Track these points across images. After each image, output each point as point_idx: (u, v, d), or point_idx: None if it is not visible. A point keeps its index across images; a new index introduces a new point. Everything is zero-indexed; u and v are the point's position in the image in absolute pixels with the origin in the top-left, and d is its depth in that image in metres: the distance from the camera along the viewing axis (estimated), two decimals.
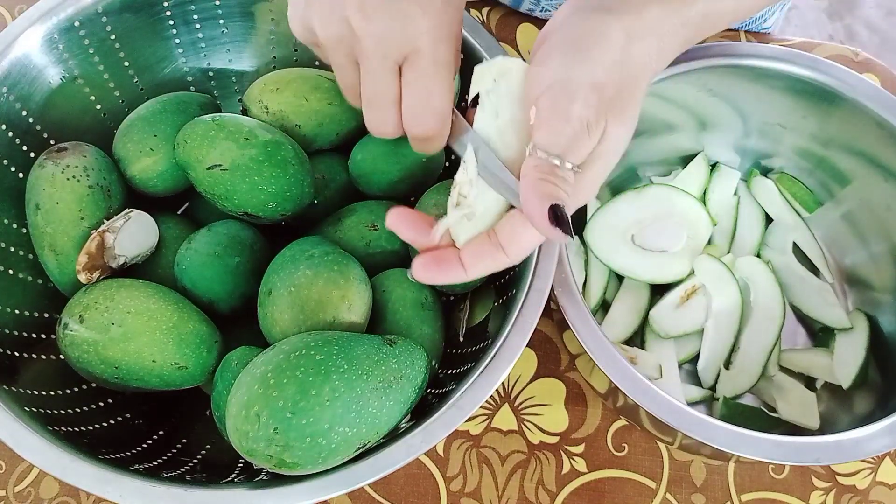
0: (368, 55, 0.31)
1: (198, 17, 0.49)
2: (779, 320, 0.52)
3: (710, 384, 0.53)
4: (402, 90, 0.32)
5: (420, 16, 0.30)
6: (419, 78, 0.31)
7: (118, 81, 0.49)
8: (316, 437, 0.33)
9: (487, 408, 0.53)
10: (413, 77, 0.31)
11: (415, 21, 0.30)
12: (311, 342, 0.36)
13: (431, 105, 0.32)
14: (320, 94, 0.48)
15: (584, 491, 0.51)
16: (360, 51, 0.31)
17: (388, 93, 0.32)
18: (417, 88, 0.32)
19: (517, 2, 0.64)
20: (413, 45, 0.31)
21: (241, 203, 0.44)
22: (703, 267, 0.52)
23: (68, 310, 0.41)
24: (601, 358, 0.42)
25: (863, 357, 0.51)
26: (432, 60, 0.31)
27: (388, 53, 0.31)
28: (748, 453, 0.39)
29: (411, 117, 0.32)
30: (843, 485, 0.51)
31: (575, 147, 0.29)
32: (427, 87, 0.32)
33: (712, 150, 0.58)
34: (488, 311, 0.46)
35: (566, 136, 0.29)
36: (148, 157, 0.46)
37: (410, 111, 0.32)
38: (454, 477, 0.51)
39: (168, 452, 0.42)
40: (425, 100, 0.32)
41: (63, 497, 0.50)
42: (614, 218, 0.53)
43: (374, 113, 0.33)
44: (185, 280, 0.44)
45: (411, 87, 0.32)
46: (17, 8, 0.65)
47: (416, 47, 0.31)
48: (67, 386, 0.42)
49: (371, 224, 0.47)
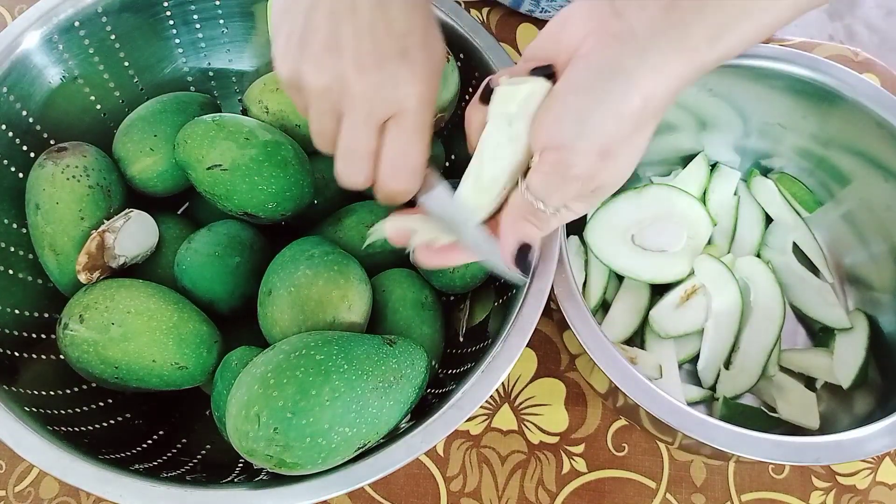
0: (356, 109, 0.32)
1: (198, 17, 0.49)
2: (779, 320, 0.52)
3: (710, 384, 0.53)
4: (380, 147, 0.33)
5: (410, 79, 0.32)
6: (401, 137, 0.33)
7: (118, 81, 0.49)
8: (316, 437, 0.33)
9: (487, 408, 0.53)
10: (396, 135, 0.33)
11: (406, 84, 0.32)
12: (311, 342, 0.36)
13: (409, 163, 0.34)
14: None
15: (584, 491, 0.51)
16: (347, 104, 0.32)
17: (367, 147, 0.33)
18: (399, 147, 0.33)
19: (517, 2, 0.64)
20: (400, 106, 0.32)
21: (241, 203, 0.44)
22: (703, 267, 0.52)
23: (68, 310, 0.41)
24: (601, 358, 0.41)
25: (863, 357, 0.51)
26: (416, 122, 0.33)
27: (374, 111, 0.32)
28: (748, 453, 0.39)
29: (389, 173, 0.34)
30: (843, 485, 0.51)
31: (564, 196, 0.31)
32: (408, 147, 0.33)
33: (712, 150, 0.58)
34: (488, 311, 0.46)
35: (558, 191, 0.31)
36: (148, 157, 0.46)
37: (390, 167, 0.34)
38: (454, 477, 0.51)
39: (168, 452, 0.42)
40: (404, 158, 0.33)
41: (63, 497, 0.50)
42: (614, 218, 0.53)
43: (349, 165, 0.34)
44: (185, 280, 0.44)
45: (393, 144, 0.33)
46: (17, 8, 0.65)
47: (403, 108, 0.32)
48: (67, 386, 0.42)
49: (371, 224, 0.47)
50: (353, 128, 0.33)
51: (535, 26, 0.65)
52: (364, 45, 0.31)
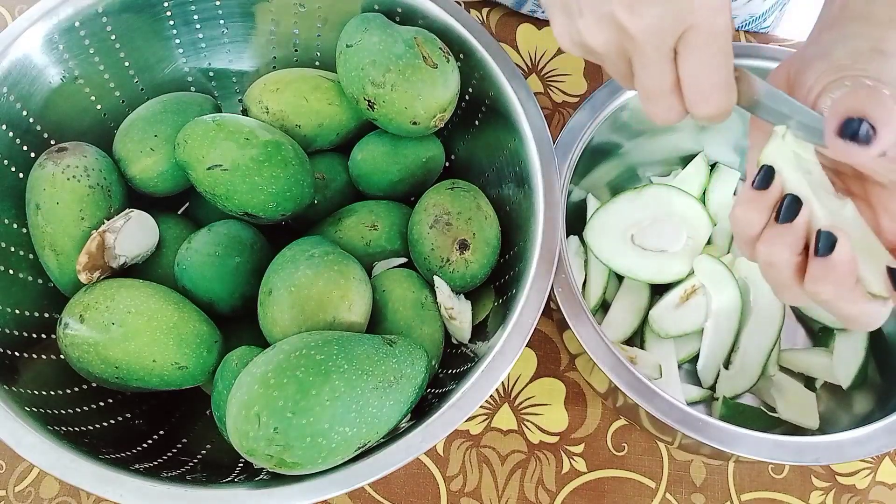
0: (642, 50, 0.31)
1: (198, 17, 0.49)
2: (778, 320, 0.52)
3: (709, 384, 0.53)
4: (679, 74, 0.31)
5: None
6: (697, 55, 0.30)
7: (118, 81, 0.49)
8: (316, 437, 0.33)
9: (487, 407, 0.53)
10: (691, 56, 0.30)
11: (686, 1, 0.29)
12: (311, 342, 0.36)
13: (715, 79, 0.31)
14: (320, 94, 0.48)
15: (584, 491, 0.51)
16: (633, 47, 0.31)
17: (667, 81, 0.32)
18: (697, 66, 0.31)
19: (519, 3, 0.64)
20: (687, 25, 0.30)
21: (242, 203, 0.44)
22: (703, 267, 0.52)
23: (69, 310, 0.41)
24: (601, 358, 0.42)
25: (862, 357, 0.51)
26: (709, 33, 0.30)
27: (662, 42, 0.30)
28: (748, 453, 0.39)
29: (697, 96, 0.32)
30: (843, 485, 0.52)
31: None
32: (707, 62, 0.31)
33: (712, 150, 0.58)
34: (488, 311, 0.46)
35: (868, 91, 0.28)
36: (148, 157, 0.46)
37: (695, 90, 0.31)
38: (454, 476, 0.51)
39: (168, 452, 0.42)
40: (707, 75, 0.31)
41: (63, 497, 0.50)
42: (614, 218, 0.53)
43: (656, 105, 0.33)
44: (186, 280, 0.44)
45: (690, 66, 0.31)
46: (18, 8, 0.65)
47: (691, 25, 0.30)
48: (67, 386, 0.42)
49: (371, 224, 0.47)
50: (648, 67, 0.31)
51: (535, 26, 0.65)
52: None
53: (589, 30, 0.32)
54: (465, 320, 0.45)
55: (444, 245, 0.44)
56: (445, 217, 0.44)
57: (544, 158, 0.43)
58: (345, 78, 0.46)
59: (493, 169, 0.48)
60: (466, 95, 0.48)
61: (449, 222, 0.44)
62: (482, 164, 0.50)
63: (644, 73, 0.32)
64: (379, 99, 0.44)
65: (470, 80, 0.47)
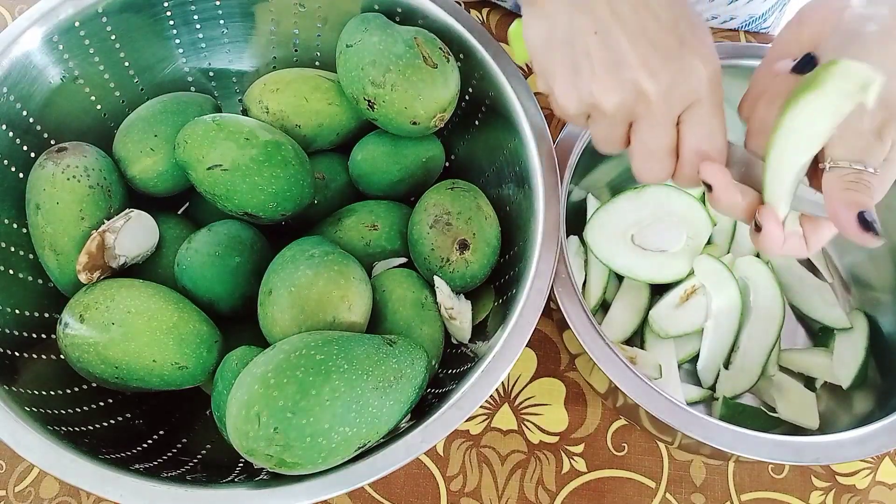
0: (654, 112, 0.33)
1: (198, 17, 0.49)
2: (778, 320, 0.52)
3: (709, 384, 0.53)
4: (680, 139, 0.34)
5: (702, 67, 0.32)
6: (702, 123, 0.33)
7: (118, 81, 0.49)
8: (316, 437, 0.33)
9: (487, 407, 0.53)
10: (696, 123, 0.33)
11: (697, 72, 0.32)
12: (311, 342, 0.36)
13: (714, 147, 0.34)
14: (320, 94, 0.48)
15: (584, 491, 0.51)
16: (643, 109, 0.33)
17: (669, 143, 0.34)
18: (702, 133, 0.34)
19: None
20: (696, 95, 0.33)
21: (242, 203, 0.44)
22: (703, 267, 0.52)
23: (69, 310, 0.41)
24: (601, 358, 0.42)
25: (862, 357, 0.51)
26: (712, 104, 0.33)
27: (672, 107, 0.33)
28: (748, 453, 0.39)
29: (695, 161, 0.34)
30: (843, 485, 0.52)
31: (870, 154, 0.31)
32: (710, 131, 0.34)
33: None
34: (488, 311, 0.46)
35: (860, 147, 0.31)
36: (148, 157, 0.46)
37: (695, 156, 0.34)
38: (454, 476, 0.51)
39: (168, 452, 0.42)
40: (709, 143, 0.34)
41: (63, 497, 0.50)
42: (614, 218, 0.53)
43: (653, 164, 0.35)
44: (186, 280, 0.44)
45: (695, 133, 0.34)
46: (18, 8, 0.65)
47: (699, 97, 0.33)
48: (67, 386, 0.42)
49: (371, 224, 0.47)
50: (654, 128, 0.33)
51: None
52: (644, 49, 0.31)
53: (604, 91, 0.33)
54: (465, 320, 0.45)
55: (444, 245, 0.44)
56: (445, 217, 0.44)
57: (544, 158, 0.43)
58: (345, 78, 0.46)
59: (493, 169, 0.48)
60: (466, 95, 0.48)
61: (449, 222, 0.44)
62: (482, 164, 0.50)
63: (650, 134, 0.34)
64: (379, 99, 0.44)
65: (470, 80, 0.47)
